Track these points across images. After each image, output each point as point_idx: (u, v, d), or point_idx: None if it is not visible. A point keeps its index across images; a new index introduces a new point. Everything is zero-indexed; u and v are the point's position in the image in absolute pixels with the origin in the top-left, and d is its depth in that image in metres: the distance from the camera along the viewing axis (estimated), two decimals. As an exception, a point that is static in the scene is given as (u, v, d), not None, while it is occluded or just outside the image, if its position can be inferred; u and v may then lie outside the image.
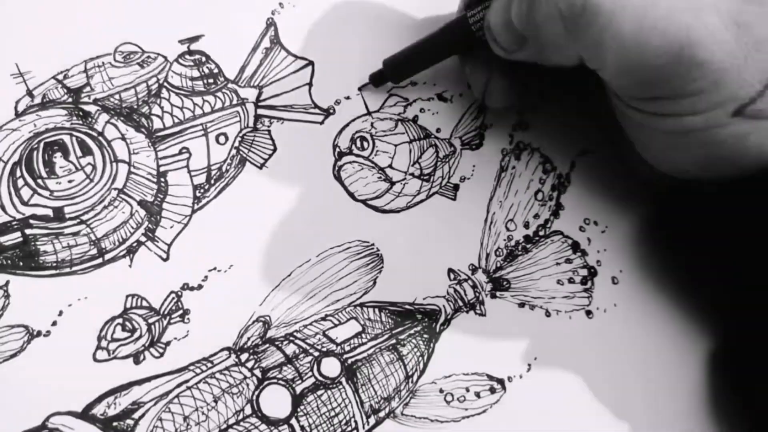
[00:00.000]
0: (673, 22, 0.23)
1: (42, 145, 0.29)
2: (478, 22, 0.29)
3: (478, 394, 0.30)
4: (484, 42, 0.29)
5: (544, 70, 0.29)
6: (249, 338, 0.29)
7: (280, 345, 0.29)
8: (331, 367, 0.29)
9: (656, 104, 0.26)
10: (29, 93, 0.30)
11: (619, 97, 0.27)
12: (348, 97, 0.33)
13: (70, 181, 0.29)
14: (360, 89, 0.33)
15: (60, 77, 0.30)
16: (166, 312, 0.28)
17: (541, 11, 0.25)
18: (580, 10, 0.24)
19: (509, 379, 0.30)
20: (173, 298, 0.28)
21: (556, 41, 0.26)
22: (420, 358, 0.30)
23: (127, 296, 0.28)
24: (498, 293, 0.32)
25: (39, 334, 0.27)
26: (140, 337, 0.28)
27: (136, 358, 0.27)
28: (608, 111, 0.30)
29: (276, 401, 0.28)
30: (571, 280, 0.32)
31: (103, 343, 0.27)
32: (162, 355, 0.28)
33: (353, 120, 0.33)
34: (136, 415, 0.27)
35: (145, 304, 0.28)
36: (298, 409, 0.28)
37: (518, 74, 0.31)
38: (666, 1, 0.23)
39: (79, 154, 0.29)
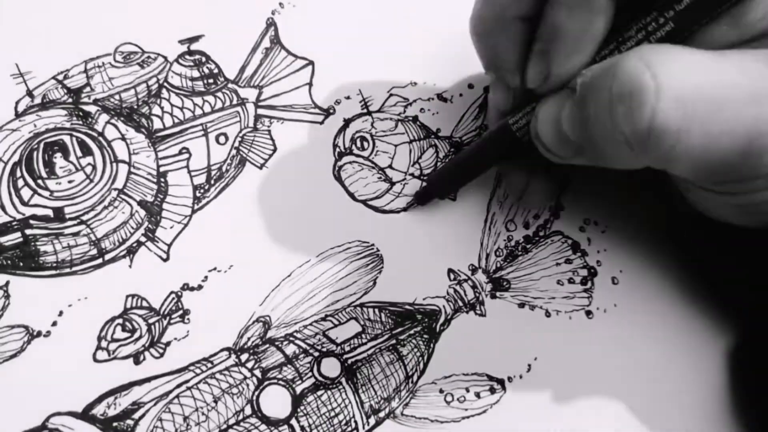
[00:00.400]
0: (740, 121, 0.22)
1: (42, 145, 0.29)
2: (522, 128, 0.28)
3: (478, 395, 0.30)
4: (530, 146, 0.27)
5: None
6: (249, 338, 0.29)
7: (280, 345, 0.29)
8: (331, 367, 0.29)
9: (727, 186, 0.26)
10: (29, 93, 0.30)
11: (688, 183, 0.27)
12: (348, 97, 0.33)
13: (70, 182, 0.29)
14: (406, 208, 0.32)
15: (60, 77, 0.30)
16: (166, 312, 0.28)
17: (598, 133, 0.24)
18: (646, 135, 0.23)
19: (509, 379, 0.30)
20: (173, 299, 0.28)
21: (620, 156, 0.25)
22: (420, 359, 0.30)
23: (127, 296, 0.28)
24: (498, 293, 0.32)
25: (39, 334, 0.27)
26: (140, 337, 0.28)
27: (136, 358, 0.27)
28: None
29: (276, 401, 0.28)
30: (571, 281, 0.32)
31: (103, 344, 0.27)
32: (162, 355, 0.28)
33: (353, 119, 0.33)
34: (136, 416, 0.27)
35: (145, 304, 0.28)
36: (298, 410, 0.28)
37: (561, 170, 0.30)
38: (729, 101, 0.22)
39: (79, 154, 0.29)
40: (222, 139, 0.31)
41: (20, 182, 0.28)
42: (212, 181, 0.30)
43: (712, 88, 0.22)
